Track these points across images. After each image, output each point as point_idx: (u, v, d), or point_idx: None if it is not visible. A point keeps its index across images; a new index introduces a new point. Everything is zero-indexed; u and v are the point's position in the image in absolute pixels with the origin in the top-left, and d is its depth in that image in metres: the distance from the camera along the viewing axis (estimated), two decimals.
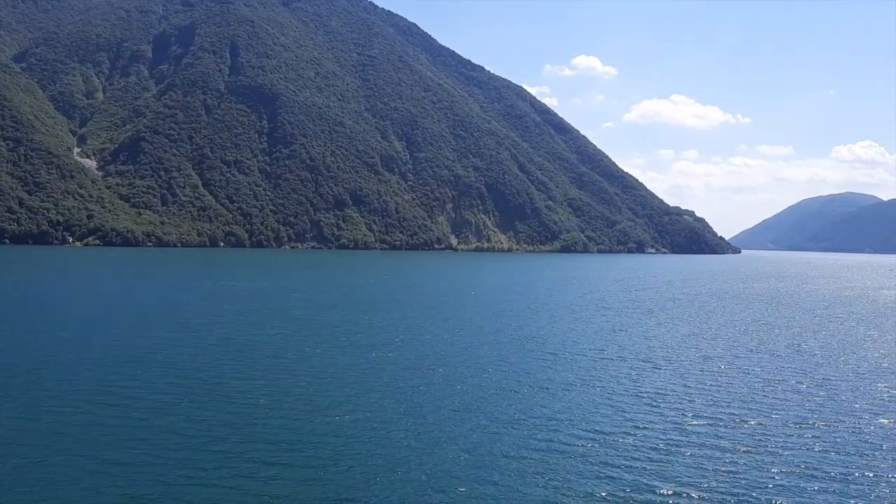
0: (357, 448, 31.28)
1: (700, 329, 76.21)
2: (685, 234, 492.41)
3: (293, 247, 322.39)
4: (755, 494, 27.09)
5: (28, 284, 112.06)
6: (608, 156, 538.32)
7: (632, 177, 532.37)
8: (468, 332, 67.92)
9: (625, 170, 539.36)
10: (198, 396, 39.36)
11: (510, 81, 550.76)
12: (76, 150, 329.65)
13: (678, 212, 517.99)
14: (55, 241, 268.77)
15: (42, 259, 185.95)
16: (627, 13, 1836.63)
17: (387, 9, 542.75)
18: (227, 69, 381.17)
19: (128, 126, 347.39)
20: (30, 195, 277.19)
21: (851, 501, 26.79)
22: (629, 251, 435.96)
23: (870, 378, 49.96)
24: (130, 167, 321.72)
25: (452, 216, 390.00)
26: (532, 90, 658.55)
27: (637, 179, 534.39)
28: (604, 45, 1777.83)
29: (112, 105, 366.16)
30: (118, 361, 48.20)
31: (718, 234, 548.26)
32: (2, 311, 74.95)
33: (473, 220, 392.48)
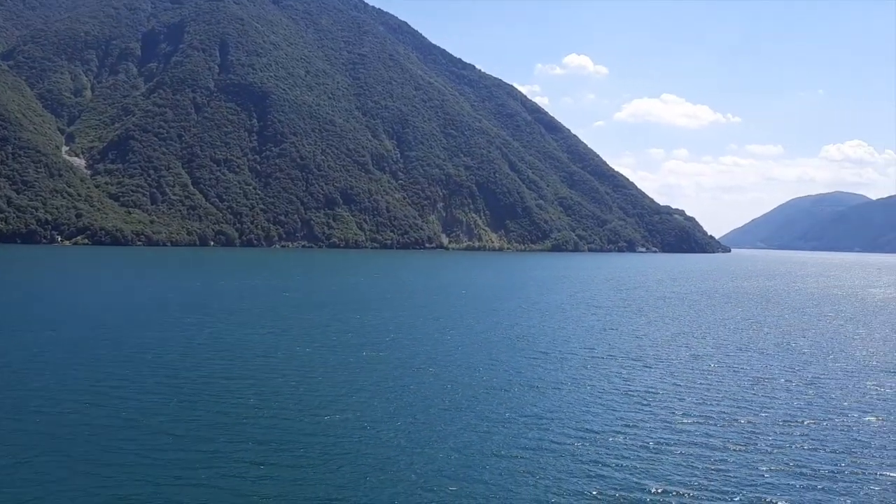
0: (347, 447, 31.21)
1: (690, 328, 76.49)
2: (675, 234, 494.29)
3: (283, 246, 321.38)
4: (745, 492, 27.19)
5: (15, 284, 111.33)
6: (599, 155, 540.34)
7: (622, 176, 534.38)
8: (459, 331, 67.92)
9: (615, 169, 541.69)
10: (187, 396, 39.17)
11: (501, 80, 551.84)
12: (64, 149, 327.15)
13: (668, 211, 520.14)
14: (44, 241, 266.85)
15: (30, 258, 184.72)
16: (619, 12, 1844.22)
17: (377, 7, 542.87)
18: (217, 67, 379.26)
19: (116, 124, 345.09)
20: (18, 194, 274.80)
21: (840, 499, 26.93)
22: (620, 250, 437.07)
23: (858, 376, 50.27)
24: (119, 166, 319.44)
25: (443, 215, 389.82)
26: (523, 89, 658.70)
27: (628, 178, 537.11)
28: (595, 45, 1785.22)
29: (101, 103, 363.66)
30: (107, 361, 47.93)
31: (708, 234, 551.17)
32: None
33: (464, 219, 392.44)
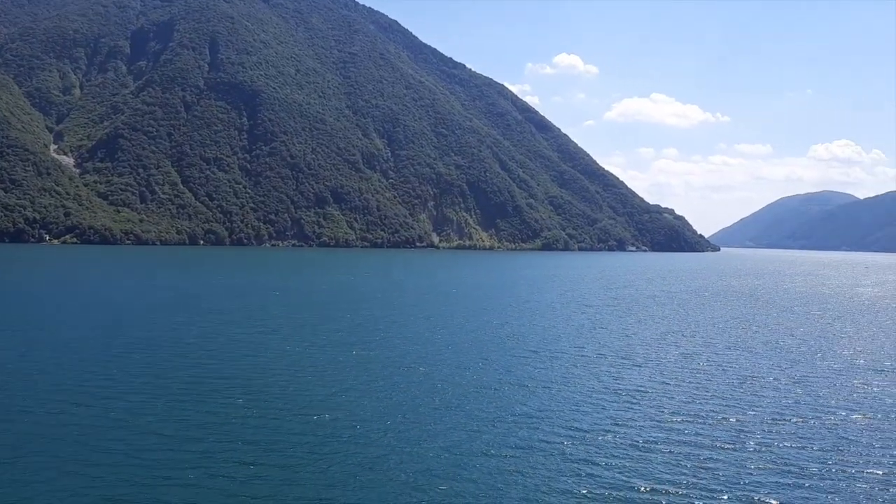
0: (336, 447, 31.14)
1: (679, 326, 76.76)
2: (665, 233, 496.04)
3: (274, 245, 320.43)
4: (733, 490, 27.29)
5: (2, 283, 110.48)
6: (589, 154, 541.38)
7: (612, 175, 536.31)
8: (449, 330, 67.90)
9: (605, 168, 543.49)
10: (175, 396, 38.97)
11: (492, 79, 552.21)
12: (53, 147, 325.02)
13: (658, 210, 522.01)
14: (32, 240, 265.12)
15: (17, 257, 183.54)
16: (609, 12, 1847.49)
17: (368, 6, 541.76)
18: (207, 66, 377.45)
19: (105, 123, 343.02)
20: (6, 192, 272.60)
21: (828, 496, 27.08)
22: (610, 249, 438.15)
23: (846, 375, 50.57)
24: (108, 164, 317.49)
25: (434, 214, 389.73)
26: (513, 88, 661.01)
27: (618, 178, 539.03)
28: (585, 44, 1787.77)
29: (89, 101, 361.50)
30: (94, 360, 47.63)
31: (698, 232, 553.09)
32: None
33: (455, 218, 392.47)
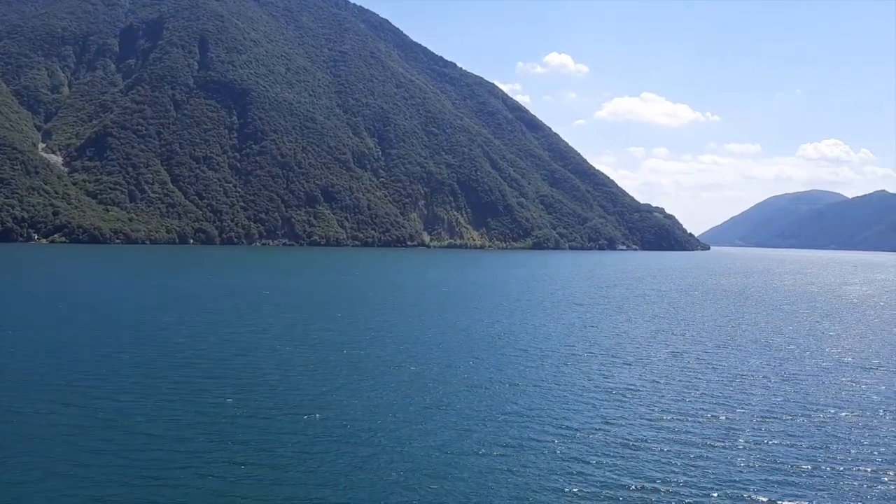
0: (327, 446, 31.08)
1: (669, 325, 77.02)
2: (655, 231, 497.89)
3: (264, 244, 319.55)
4: (723, 488, 27.40)
5: None
6: (580, 153, 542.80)
7: (603, 174, 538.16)
8: (439, 329, 67.88)
9: (596, 167, 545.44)
10: (165, 396, 38.80)
11: (482, 78, 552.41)
12: (41, 146, 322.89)
13: (648, 209, 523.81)
14: (20, 239, 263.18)
15: (5, 257, 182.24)
16: (600, 11, 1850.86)
17: (358, 4, 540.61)
18: (196, 64, 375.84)
19: (94, 121, 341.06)
20: None
21: (816, 493, 27.22)
22: (600, 248, 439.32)
23: (834, 373, 50.88)
24: (97, 163, 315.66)
25: (425, 213, 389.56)
26: (504, 87, 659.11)
27: (608, 177, 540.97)
28: (576, 43, 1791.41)
29: (78, 100, 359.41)
30: (83, 360, 47.36)
31: (688, 231, 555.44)
32: None
33: (446, 217, 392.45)
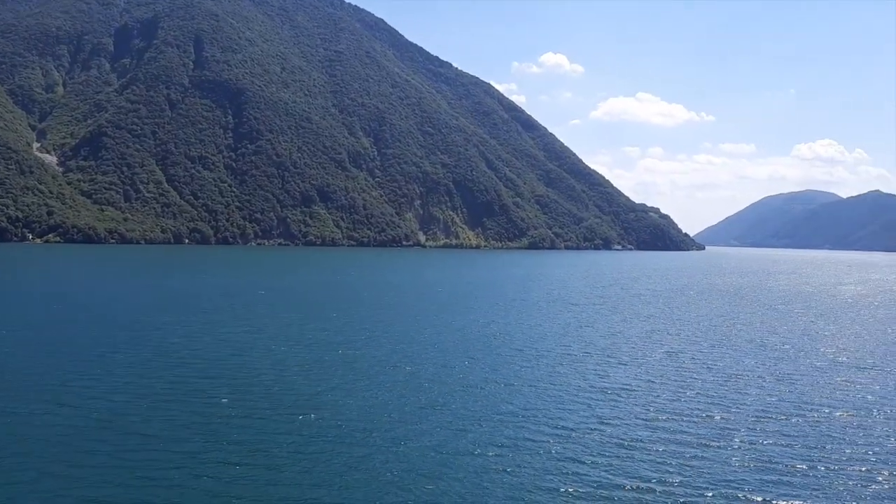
0: (322, 447, 31.01)
1: (664, 325, 77.11)
2: (650, 231, 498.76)
3: (259, 243, 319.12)
4: (718, 488, 27.42)
5: None
6: (575, 153, 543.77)
7: (598, 174, 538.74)
8: (435, 329, 67.83)
9: (591, 167, 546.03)
10: (160, 396, 38.67)
11: (478, 78, 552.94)
12: (35, 146, 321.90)
13: (644, 209, 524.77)
14: (14, 238, 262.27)
15: (0, 257, 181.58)
16: (595, 11, 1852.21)
17: (353, 4, 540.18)
18: (192, 63, 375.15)
19: (89, 121, 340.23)
20: None
21: (811, 492, 27.26)
22: (596, 248, 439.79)
23: (828, 372, 50.99)
24: (92, 163, 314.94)
25: (420, 213, 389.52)
26: (500, 87, 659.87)
27: (604, 177, 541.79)
28: (571, 43, 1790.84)
29: (73, 99, 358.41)
30: (78, 360, 47.17)
31: (683, 231, 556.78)
32: None
33: (441, 217, 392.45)
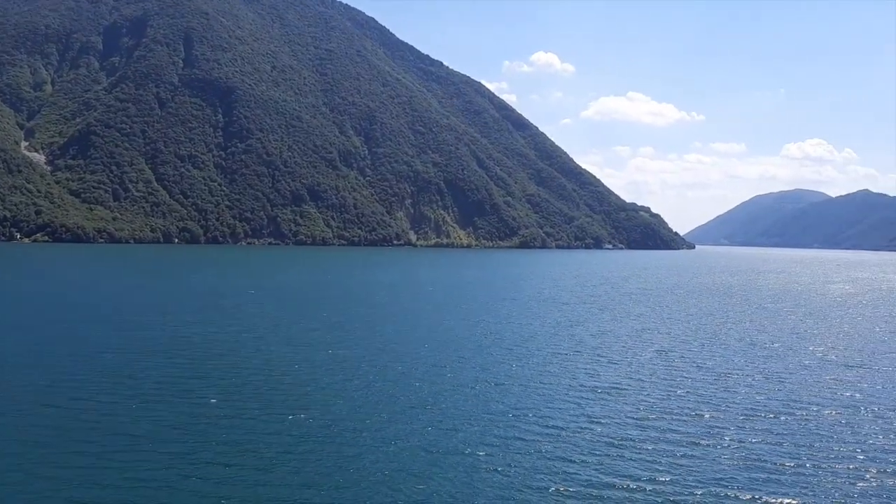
0: (311, 447, 30.86)
1: (655, 324, 77.27)
2: (641, 230, 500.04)
3: (250, 243, 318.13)
4: (708, 486, 27.44)
5: None
6: (566, 152, 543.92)
7: (589, 173, 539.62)
8: (425, 329, 67.75)
9: (582, 166, 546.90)
10: (148, 397, 38.39)
11: (469, 77, 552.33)
12: (24, 144, 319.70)
13: (634, 208, 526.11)
14: (2, 238, 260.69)
15: None
16: (585, 11, 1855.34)
17: (344, 2, 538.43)
18: (181, 62, 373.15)
19: (78, 119, 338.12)
20: None
21: (800, 490, 27.31)
22: (587, 247, 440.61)
23: (817, 371, 51.18)
24: (80, 161, 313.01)
25: (411, 212, 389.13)
26: (491, 86, 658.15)
27: (594, 176, 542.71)
28: (562, 42, 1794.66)
29: (61, 98, 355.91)
30: (65, 361, 46.82)
31: (673, 230, 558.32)
32: None
33: (432, 216, 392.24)
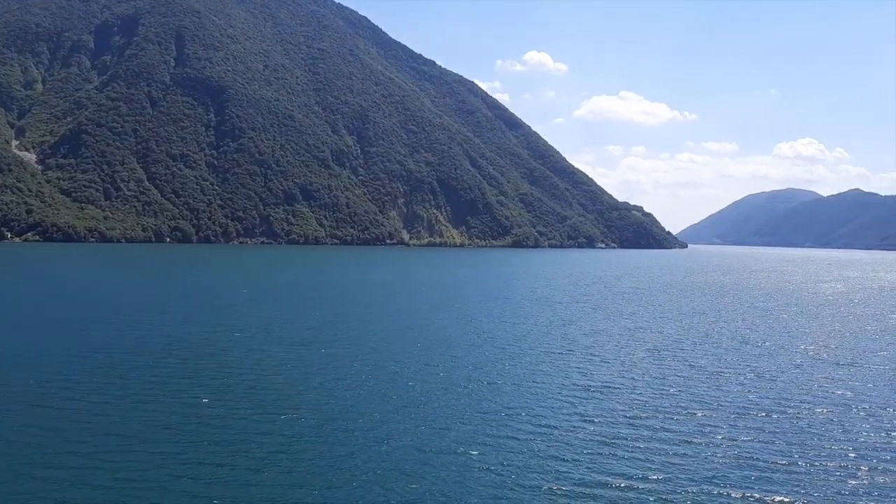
0: (303, 446, 30.77)
1: (647, 323, 77.44)
2: (634, 229, 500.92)
3: (242, 242, 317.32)
4: (701, 484, 27.47)
5: None
6: (559, 151, 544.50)
7: (582, 172, 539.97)
8: (417, 328, 67.70)
9: (575, 165, 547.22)
10: (139, 396, 38.21)
11: (462, 76, 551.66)
12: (14, 143, 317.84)
13: (627, 207, 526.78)
14: None
15: None
16: (578, 10, 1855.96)
17: (337, 1, 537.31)
18: (173, 61, 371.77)
19: (69, 118, 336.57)
20: None
21: (792, 488, 27.36)
22: (579, 246, 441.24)
23: (808, 369, 51.38)
24: (72, 160, 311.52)
25: (404, 211, 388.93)
26: (483, 85, 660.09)
27: (587, 175, 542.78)
28: (555, 42, 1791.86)
29: (52, 96, 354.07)
30: (55, 361, 46.55)
31: (666, 229, 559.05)
32: None
33: (425, 215, 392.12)
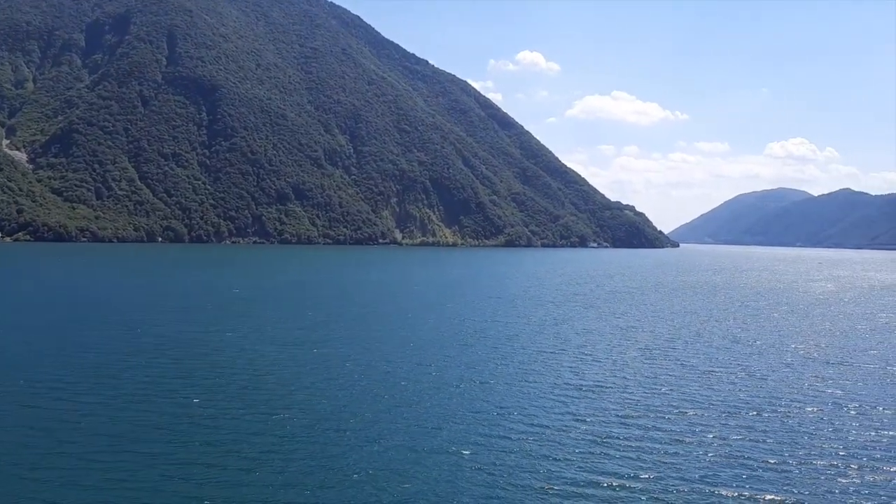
0: (295, 446, 30.72)
1: (639, 322, 77.64)
2: (626, 229, 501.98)
3: (234, 242, 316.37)
4: (692, 483, 27.56)
5: None
6: (551, 151, 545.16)
7: (574, 172, 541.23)
8: (410, 328, 67.69)
9: (568, 165, 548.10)
10: (130, 397, 38.07)
11: (454, 76, 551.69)
12: (5, 142, 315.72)
13: (619, 207, 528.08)
14: None
15: None
16: (571, 10, 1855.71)
17: (330, 0, 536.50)
18: (165, 59, 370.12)
19: (60, 117, 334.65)
20: None
21: (783, 487, 27.49)
22: (572, 245, 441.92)
23: (800, 369, 51.62)
24: (63, 160, 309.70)
25: (397, 210, 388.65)
26: (476, 85, 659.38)
27: (579, 174, 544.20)
28: (547, 41, 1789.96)
29: (43, 95, 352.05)
30: (46, 361, 46.32)
31: (658, 229, 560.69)
32: None
33: (418, 215, 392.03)
